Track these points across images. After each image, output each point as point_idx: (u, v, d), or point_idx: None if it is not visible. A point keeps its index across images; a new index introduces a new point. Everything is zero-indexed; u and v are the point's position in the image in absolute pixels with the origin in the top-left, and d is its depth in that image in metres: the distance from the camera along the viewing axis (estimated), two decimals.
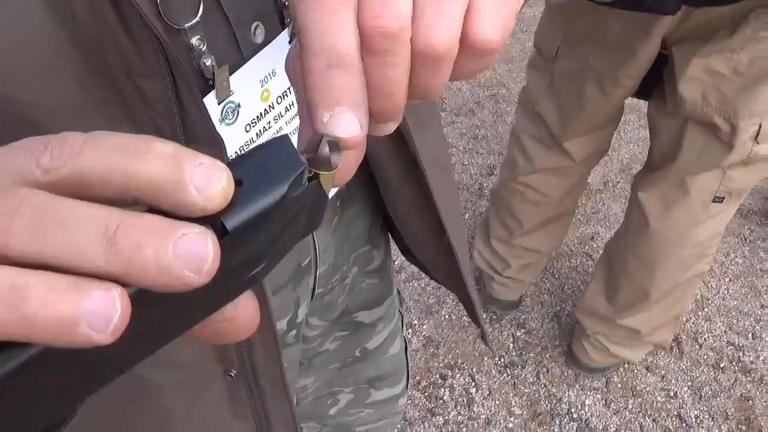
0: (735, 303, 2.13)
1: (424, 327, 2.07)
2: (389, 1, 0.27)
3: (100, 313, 0.21)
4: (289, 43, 0.50)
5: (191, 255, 0.22)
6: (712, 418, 1.87)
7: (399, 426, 1.86)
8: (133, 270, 0.22)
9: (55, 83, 0.40)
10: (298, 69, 0.30)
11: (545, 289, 2.17)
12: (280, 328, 0.72)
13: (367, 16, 0.27)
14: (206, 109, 0.45)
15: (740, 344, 2.03)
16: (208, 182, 0.23)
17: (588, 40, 1.49)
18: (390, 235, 0.86)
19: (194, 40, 0.44)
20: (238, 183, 0.25)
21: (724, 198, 1.49)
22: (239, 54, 0.48)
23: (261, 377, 0.60)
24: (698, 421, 1.87)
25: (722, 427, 1.85)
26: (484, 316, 2.10)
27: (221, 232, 0.24)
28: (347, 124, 0.27)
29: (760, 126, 1.35)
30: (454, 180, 2.08)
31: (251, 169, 0.26)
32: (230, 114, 0.49)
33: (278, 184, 0.25)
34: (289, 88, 0.53)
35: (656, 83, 1.48)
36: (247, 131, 0.51)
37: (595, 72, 1.51)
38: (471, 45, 0.28)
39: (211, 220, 0.24)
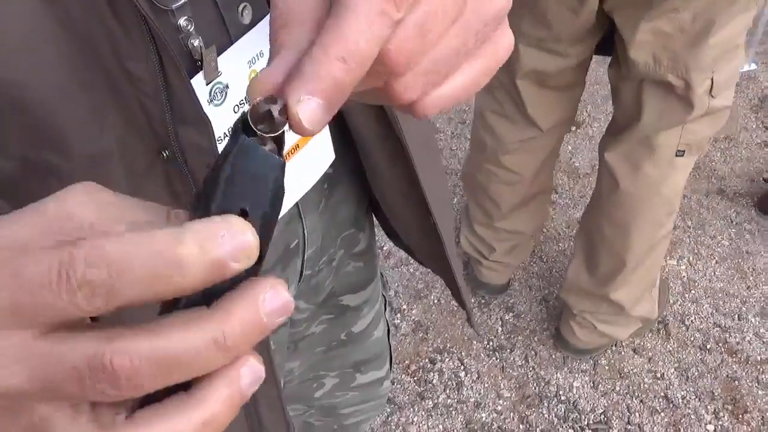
0: (721, 285, 2.15)
1: (413, 312, 2.08)
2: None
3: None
4: None
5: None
6: (699, 399, 1.89)
7: (388, 410, 1.87)
8: None
9: (42, 64, 0.40)
10: None
11: (533, 272, 2.18)
12: None
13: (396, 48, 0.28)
14: (194, 90, 0.45)
15: (726, 325, 2.04)
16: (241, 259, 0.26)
17: (523, 6, 1.50)
18: (375, 219, 0.86)
19: (182, 21, 0.44)
20: (243, 213, 0.27)
21: (685, 151, 1.54)
22: (227, 35, 0.48)
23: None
24: (685, 402, 1.89)
25: (708, 407, 1.87)
26: (473, 300, 2.11)
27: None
28: (316, 116, 0.26)
29: (712, 79, 1.41)
30: (442, 164, 2.08)
31: (242, 191, 0.27)
32: (218, 95, 0.49)
33: (274, 197, 0.28)
34: None
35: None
36: (236, 112, 0.51)
37: (529, 37, 1.52)
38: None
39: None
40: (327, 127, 0.62)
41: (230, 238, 0.25)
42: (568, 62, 1.57)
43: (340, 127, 0.64)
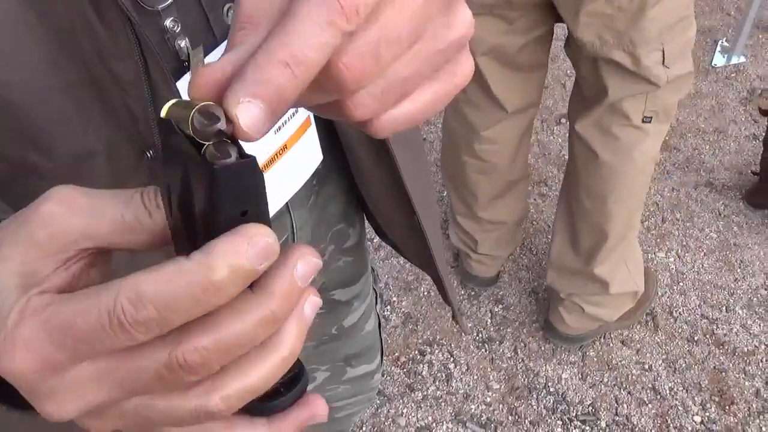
0: (709, 277, 2.16)
1: (403, 304, 2.08)
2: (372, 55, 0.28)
3: None
4: None
5: None
6: (686, 390, 1.91)
7: (378, 401, 1.87)
8: None
9: (26, 64, 0.40)
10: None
11: (523, 264, 2.19)
12: None
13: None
14: (179, 90, 0.45)
15: (714, 317, 2.06)
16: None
17: None
18: (364, 215, 0.86)
19: (168, 22, 0.44)
20: (243, 214, 0.28)
21: (652, 117, 1.58)
22: (212, 35, 0.48)
23: None
24: (672, 393, 1.90)
25: (696, 398, 1.89)
26: (463, 292, 2.12)
27: None
28: (256, 119, 0.26)
29: (663, 51, 1.46)
30: (426, 159, 2.08)
31: (234, 202, 0.28)
32: None
33: (262, 191, 0.29)
34: None
35: None
36: None
37: (481, 5, 1.53)
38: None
39: None
40: (315, 128, 0.61)
41: (253, 248, 0.27)
42: (526, 38, 1.58)
43: (327, 126, 0.64)
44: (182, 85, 0.46)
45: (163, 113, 0.29)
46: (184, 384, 0.29)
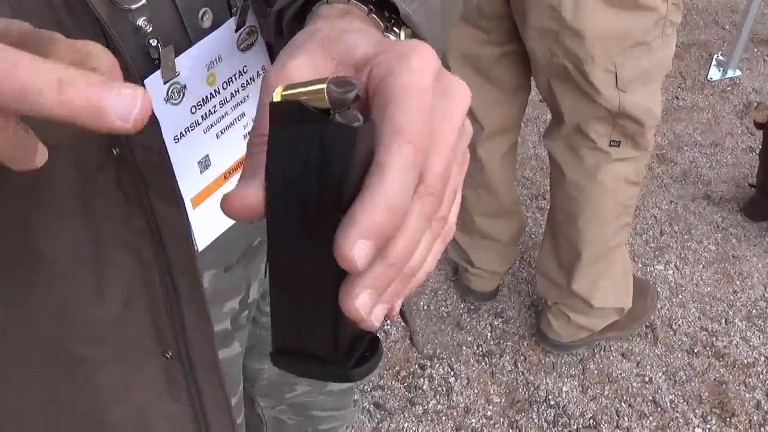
0: (708, 289, 2.17)
1: None
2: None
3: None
4: (236, 31, 0.51)
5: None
6: (687, 403, 1.90)
7: (378, 416, 1.87)
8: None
9: None
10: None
11: (522, 278, 2.19)
12: (232, 308, 0.73)
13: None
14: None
15: (713, 329, 2.06)
16: (128, 112, 0.27)
17: None
18: None
19: (140, 22, 0.45)
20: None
21: (620, 142, 1.57)
22: (186, 38, 0.49)
23: (196, 362, 0.61)
24: (673, 406, 1.90)
25: (696, 410, 1.89)
26: (462, 306, 2.12)
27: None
28: (365, 255, 0.31)
29: (615, 74, 1.46)
30: None
31: (366, 154, 0.32)
32: (176, 94, 0.50)
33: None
34: (234, 75, 0.54)
35: None
36: (193, 113, 0.52)
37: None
38: None
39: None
40: None
41: (120, 99, 0.27)
42: (502, 50, 1.59)
43: None
44: (150, 83, 0.47)
45: (276, 98, 0.33)
46: None
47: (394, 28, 0.44)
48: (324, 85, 0.31)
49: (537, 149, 2.57)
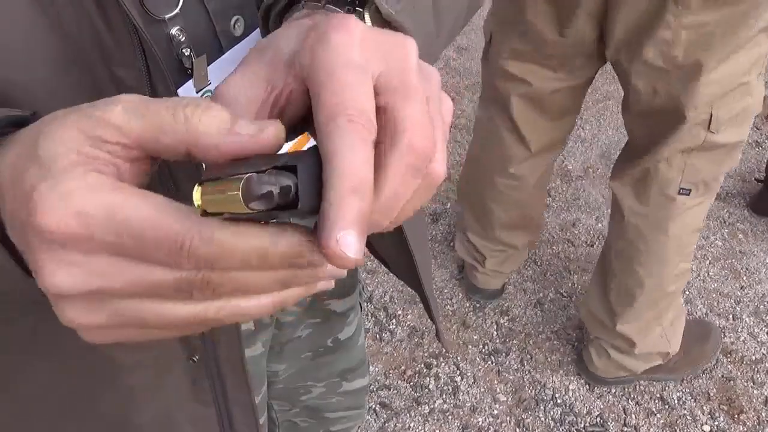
0: (715, 285, 2.16)
1: (409, 317, 2.08)
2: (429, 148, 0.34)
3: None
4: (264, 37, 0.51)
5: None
6: (695, 400, 1.89)
7: (385, 415, 1.87)
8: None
9: (31, 65, 0.41)
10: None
11: (528, 276, 2.19)
12: None
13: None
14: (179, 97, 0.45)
15: (721, 326, 2.05)
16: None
17: (509, 24, 1.50)
18: None
19: (174, 31, 0.45)
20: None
21: (690, 190, 1.49)
22: (218, 45, 0.49)
23: (223, 364, 0.61)
24: (681, 403, 1.89)
25: (704, 407, 1.88)
26: (468, 304, 2.11)
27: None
28: (356, 247, 0.31)
29: (711, 114, 1.37)
30: None
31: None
32: None
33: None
34: None
35: None
36: None
37: (520, 52, 1.52)
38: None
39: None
40: (312, 141, 0.62)
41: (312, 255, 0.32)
42: (564, 84, 1.56)
43: None
44: (183, 92, 0.48)
45: (196, 200, 0.33)
46: (191, 296, 0.32)
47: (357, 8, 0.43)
48: (243, 207, 0.30)
49: None
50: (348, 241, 0.30)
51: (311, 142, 0.62)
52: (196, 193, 0.33)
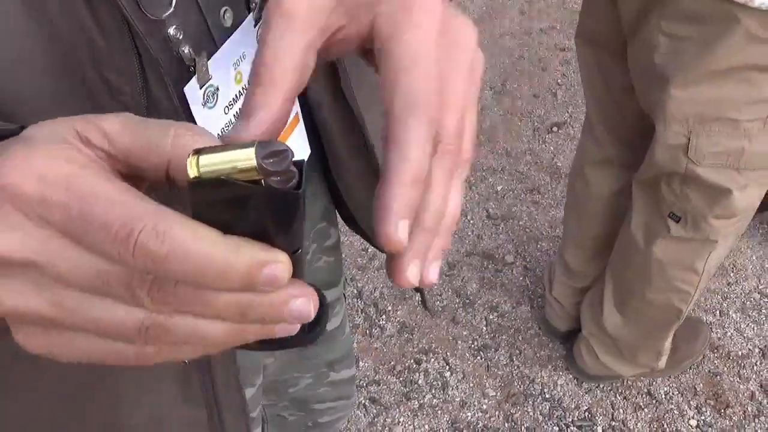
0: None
1: (398, 313, 2.09)
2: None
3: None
4: (255, 27, 0.52)
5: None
6: (682, 395, 1.91)
7: (374, 410, 1.88)
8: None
9: (22, 73, 0.40)
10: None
11: (518, 272, 2.20)
12: None
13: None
14: (176, 97, 0.45)
15: (708, 321, 2.07)
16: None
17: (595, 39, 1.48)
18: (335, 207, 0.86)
19: (171, 30, 0.45)
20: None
21: (680, 218, 1.41)
22: (212, 39, 0.49)
23: (213, 365, 0.61)
24: (668, 398, 1.90)
25: (691, 402, 1.89)
26: (457, 300, 2.12)
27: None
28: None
29: (688, 140, 1.28)
30: None
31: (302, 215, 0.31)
32: (211, 97, 0.51)
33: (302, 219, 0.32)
34: None
35: None
36: (226, 113, 0.53)
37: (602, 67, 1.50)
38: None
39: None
40: (302, 123, 0.63)
41: (273, 272, 0.29)
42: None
43: (310, 124, 0.65)
44: (188, 90, 0.47)
45: (191, 170, 0.29)
46: (135, 299, 0.30)
47: None
48: (253, 161, 0.28)
49: (531, 144, 2.57)
50: (403, 231, 0.32)
51: (300, 127, 0.63)
52: (191, 159, 0.29)
